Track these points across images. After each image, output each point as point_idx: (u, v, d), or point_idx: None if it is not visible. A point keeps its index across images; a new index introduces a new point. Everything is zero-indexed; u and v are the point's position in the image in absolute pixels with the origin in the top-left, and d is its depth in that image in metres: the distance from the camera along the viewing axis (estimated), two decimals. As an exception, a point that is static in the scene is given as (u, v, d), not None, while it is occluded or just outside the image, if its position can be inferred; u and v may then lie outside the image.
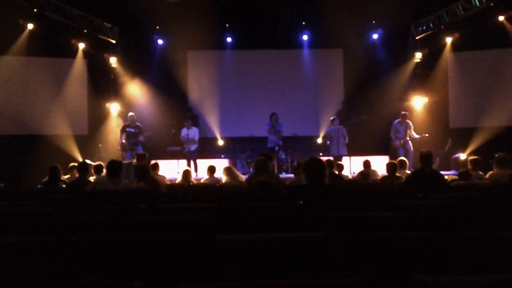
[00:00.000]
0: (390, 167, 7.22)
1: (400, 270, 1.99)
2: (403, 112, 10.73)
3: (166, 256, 2.10)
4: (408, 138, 10.46)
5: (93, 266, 2.05)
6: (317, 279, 1.50)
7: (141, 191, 5.39)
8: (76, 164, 7.81)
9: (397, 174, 7.11)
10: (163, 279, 1.95)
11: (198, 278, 1.99)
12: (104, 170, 6.11)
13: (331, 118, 10.89)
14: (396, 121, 10.68)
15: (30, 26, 10.81)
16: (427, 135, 10.50)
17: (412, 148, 10.35)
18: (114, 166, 5.43)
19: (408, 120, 10.62)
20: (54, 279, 1.82)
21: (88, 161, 7.72)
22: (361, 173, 8.08)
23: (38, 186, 6.71)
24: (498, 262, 2.01)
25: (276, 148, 10.73)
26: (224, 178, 7.68)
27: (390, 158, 10.00)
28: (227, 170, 7.76)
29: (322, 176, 4.02)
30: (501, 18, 10.80)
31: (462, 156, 10.52)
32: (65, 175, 7.45)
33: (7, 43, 10.87)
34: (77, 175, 6.96)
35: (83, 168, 6.51)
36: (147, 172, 5.80)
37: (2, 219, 3.06)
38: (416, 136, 10.46)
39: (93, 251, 2.09)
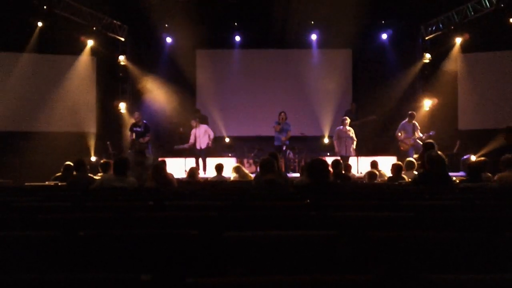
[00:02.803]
0: (395, 168, 7.19)
1: (408, 269, 1.98)
2: (410, 112, 10.63)
3: (174, 253, 2.11)
4: (415, 138, 10.38)
5: (101, 260, 2.07)
6: (324, 276, 1.49)
7: (149, 188, 5.44)
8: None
9: (403, 175, 7.07)
10: (171, 273, 1.96)
11: (207, 274, 2.00)
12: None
13: (342, 118, 10.81)
14: (404, 121, 10.59)
15: (39, 24, 10.87)
16: (432, 133, 10.34)
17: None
18: (121, 163, 5.48)
19: (414, 121, 10.52)
20: (63, 273, 1.84)
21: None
22: (368, 173, 8.04)
23: (51, 181, 6.87)
24: (506, 262, 2.01)
25: (284, 147, 10.70)
26: (232, 177, 7.73)
27: (399, 159, 9.94)
28: (237, 169, 7.84)
29: (325, 176, 4.03)
30: (512, 19, 10.71)
31: (472, 157, 10.42)
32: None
33: (18, 40, 10.94)
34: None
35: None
36: (161, 171, 5.90)
37: (10, 214, 3.09)
38: (422, 135, 10.37)
39: (101, 246, 2.10)
